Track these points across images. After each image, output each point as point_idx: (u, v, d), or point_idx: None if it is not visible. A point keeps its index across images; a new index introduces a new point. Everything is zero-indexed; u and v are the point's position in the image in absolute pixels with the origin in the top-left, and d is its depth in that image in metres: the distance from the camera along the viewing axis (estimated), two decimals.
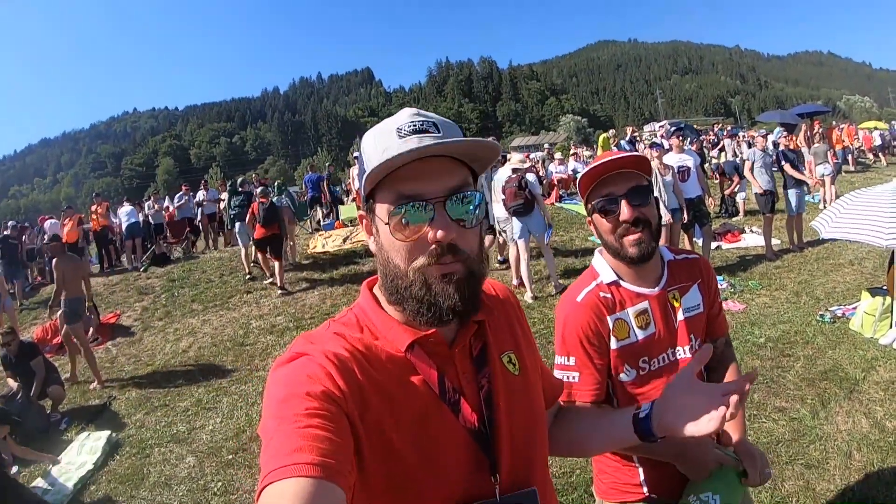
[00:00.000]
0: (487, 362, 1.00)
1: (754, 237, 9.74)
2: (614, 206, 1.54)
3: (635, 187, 1.54)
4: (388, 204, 0.88)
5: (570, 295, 1.67)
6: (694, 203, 7.79)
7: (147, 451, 5.33)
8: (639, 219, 1.53)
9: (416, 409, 0.89)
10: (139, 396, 6.62)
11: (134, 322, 9.39)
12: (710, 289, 1.72)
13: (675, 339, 1.63)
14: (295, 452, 0.71)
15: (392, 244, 0.90)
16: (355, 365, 0.86)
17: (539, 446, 1.05)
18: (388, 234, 0.89)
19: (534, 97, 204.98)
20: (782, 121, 18.31)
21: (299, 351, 0.88)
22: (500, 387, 0.99)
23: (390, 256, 0.91)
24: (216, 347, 7.78)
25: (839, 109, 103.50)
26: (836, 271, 7.55)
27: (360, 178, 0.94)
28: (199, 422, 5.74)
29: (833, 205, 6.02)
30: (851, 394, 4.44)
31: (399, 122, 0.90)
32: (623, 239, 1.56)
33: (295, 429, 0.74)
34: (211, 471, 4.81)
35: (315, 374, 0.82)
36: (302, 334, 0.95)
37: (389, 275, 0.92)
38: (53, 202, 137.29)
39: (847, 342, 5.36)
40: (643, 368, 1.60)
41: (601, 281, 1.64)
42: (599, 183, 1.57)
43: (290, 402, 0.78)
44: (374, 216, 0.92)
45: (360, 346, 0.91)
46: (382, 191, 0.90)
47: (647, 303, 1.62)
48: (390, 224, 0.88)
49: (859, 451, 3.70)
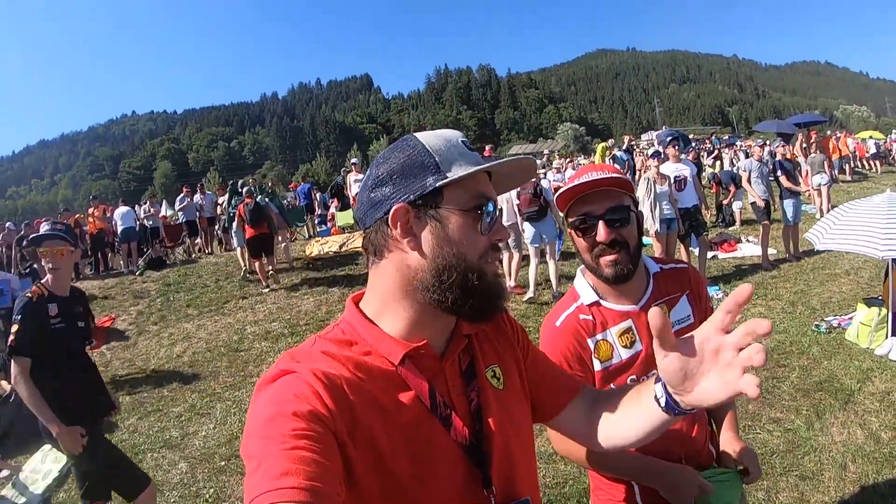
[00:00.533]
0: (476, 376, 1.01)
1: (751, 247, 9.76)
2: (592, 225, 1.53)
3: (614, 207, 1.52)
4: (466, 200, 0.93)
5: (551, 319, 1.66)
6: (690, 212, 7.79)
7: (140, 456, 5.28)
8: (616, 240, 1.52)
9: (407, 423, 0.89)
10: (133, 401, 6.58)
11: (129, 326, 9.36)
12: (701, 298, 1.70)
13: None
14: (282, 476, 0.69)
15: (469, 238, 0.92)
16: (344, 382, 0.85)
17: (528, 457, 1.06)
18: (468, 227, 0.93)
19: (532, 105, 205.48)
20: (779, 130, 18.42)
21: (285, 368, 0.86)
22: (489, 401, 1.00)
23: (464, 251, 0.92)
24: (211, 353, 7.75)
25: (836, 119, 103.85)
26: (833, 281, 7.56)
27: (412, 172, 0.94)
28: (193, 427, 5.70)
29: (827, 216, 6.03)
30: (847, 405, 4.43)
31: (460, 137, 0.99)
32: (599, 259, 1.54)
33: (281, 450, 0.72)
34: (203, 477, 4.78)
35: (302, 392, 0.81)
36: (286, 351, 0.94)
37: (456, 270, 0.91)
38: (51, 204, 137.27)
39: (843, 353, 5.35)
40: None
41: (581, 303, 1.63)
42: (579, 200, 1.55)
43: (276, 422, 0.76)
44: (439, 210, 0.92)
45: (349, 362, 0.90)
46: (457, 189, 0.93)
47: (631, 320, 1.59)
48: (474, 219, 0.93)
49: (854, 462, 3.69)
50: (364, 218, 0.98)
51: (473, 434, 0.94)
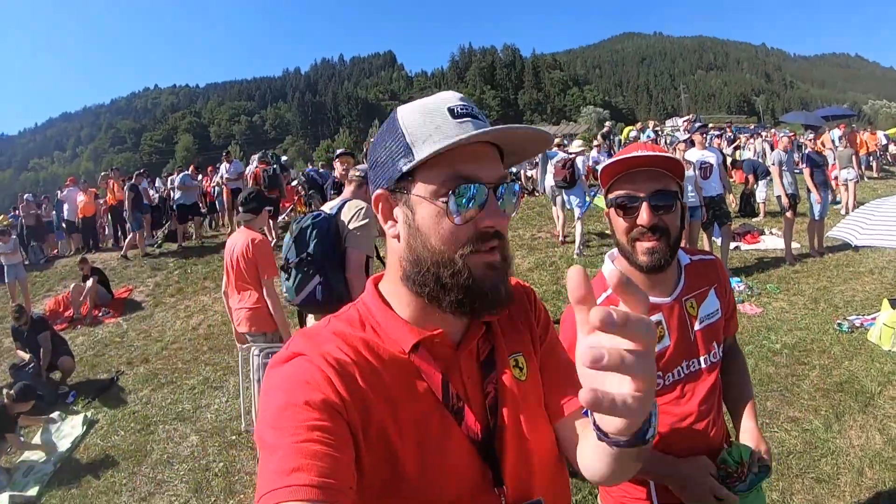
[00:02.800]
0: (495, 367, 0.95)
1: (774, 239, 9.57)
2: (634, 206, 1.43)
3: (661, 191, 1.43)
4: (437, 185, 0.82)
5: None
6: (714, 201, 7.64)
7: (151, 427, 5.35)
8: (657, 226, 1.42)
9: (418, 415, 0.84)
10: (147, 372, 6.65)
11: (146, 298, 9.46)
12: (727, 291, 1.64)
13: (692, 349, 1.54)
14: (294, 472, 0.67)
15: (436, 227, 0.83)
16: (356, 369, 0.81)
17: (547, 455, 0.97)
18: (434, 215, 0.83)
19: (556, 87, 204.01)
20: (806, 122, 18.02)
21: (297, 351, 0.83)
22: (507, 394, 0.94)
23: (431, 241, 0.84)
24: (226, 326, 7.76)
25: (864, 114, 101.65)
26: (856, 279, 7.39)
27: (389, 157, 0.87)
28: (205, 401, 5.75)
29: (856, 213, 5.87)
30: (866, 408, 4.32)
31: (448, 103, 0.86)
32: (636, 243, 1.45)
33: (293, 443, 0.70)
34: (214, 450, 4.83)
35: (314, 379, 0.77)
36: (299, 330, 0.91)
37: (426, 262, 0.84)
38: (72, 176, 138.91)
39: (864, 354, 5.23)
40: (657, 384, 1.50)
41: (612, 293, 1.55)
42: (623, 177, 1.45)
43: (288, 412, 0.74)
44: (410, 196, 0.85)
45: (362, 346, 0.85)
46: (429, 170, 0.83)
47: (661, 314, 1.52)
48: (444, 205, 0.82)
49: (871, 468, 3.60)
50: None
51: (487, 429, 0.89)
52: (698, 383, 1.54)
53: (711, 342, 1.56)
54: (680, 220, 1.49)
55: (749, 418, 1.60)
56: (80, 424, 5.54)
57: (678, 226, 1.47)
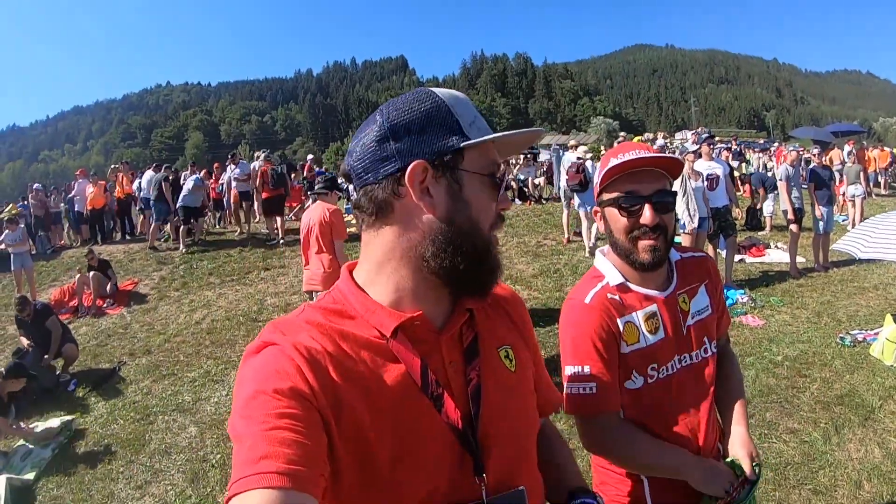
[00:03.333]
0: (478, 354, 0.94)
1: (779, 253, 9.55)
2: (637, 206, 1.44)
3: (661, 191, 1.45)
4: (481, 166, 0.90)
5: (577, 297, 1.56)
6: (720, 213, 7.64)
7: (151, 417, 5.37)
8: (658, 224, 1.44)
9: (394, 401, 0.83)
10: (149, 363, 6.68)
11: (150, 291, 9.50)
12: (717, 289, 1.64)
13: (685, 344, 1.54)
14: (262, 460, 0.67)
15: (483, 204, 0.90)
16: (327, 357, 0.81)
17: (530, 445, 1.00)
18: (483, 193, 0.90)
19: (567, 96, 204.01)
20: (816, 138, 17.99)
21: (267, 340, 0.83)
22: (492, 381, 0.93)
23: (477, 217, 0.89)
24: (229, 321, 7.82)
25: (874, 132, 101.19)
26: (860, 294, 7.36)
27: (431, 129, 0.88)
28: (206, 393, 5.77)
29: (860, 227, 5.85)
30: (866, 421, 4.30)
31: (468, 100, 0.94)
32: (637, 242, 1.46)
33: (262, 431, 0.70)
34: (212, 442, 4.84)
35: (283, 368, 0.77)
36: (272, 321, 0.89)
37: (465, 233, 0.87)
38: (83, 168, 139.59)
39: (866, 368, 5.20)
40: (651, 376, 1.51)
41: (607, 282, 1.54)
42: (626, 176, 1.46)
43: (257, 401, 0.74)
44: (459, 172, 0.88)
45: (335, 334, 0.85)
46: (475, 153, 0.89)
47: (656, 306, 1.53)
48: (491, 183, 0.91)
49: (869, 481, 3.58)
50: (365, 171, 0.89)
51: (467, 416, 0.88)
52: (691, 378, 1.54)
53: (703, 337, 1.56)
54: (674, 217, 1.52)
55: (739, 423, 1.57)
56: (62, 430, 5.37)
57: (674, 223, 1.50)
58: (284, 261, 10.43)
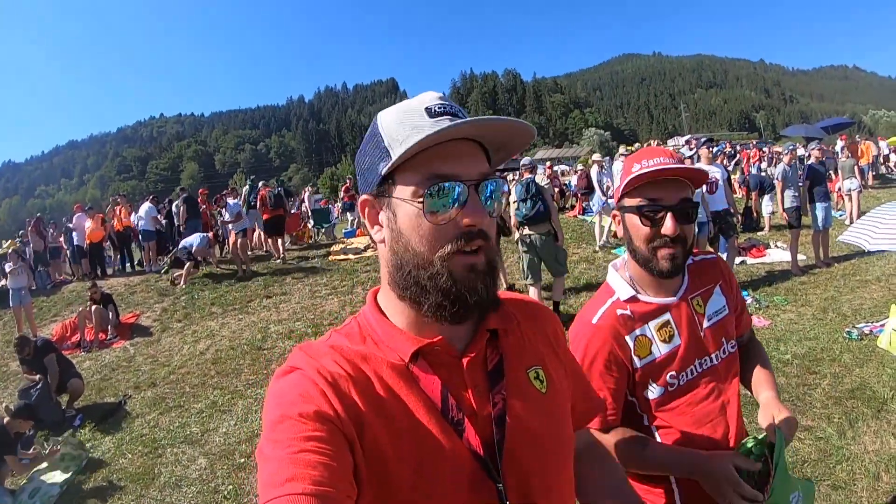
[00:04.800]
0: (503, 377, 0.91)
1: (780, 252, 9.55)
2: (660, 215, 1.44)
3: (685, 200, 1.44)
4: (414, 185, 0.81)
5: (586, 316, 1.56)
6: (720, 215, 7.67)
7: (159, 451, 5.32)
8: (679, 235, 1.44)
9: (414, 425, 0.82)
10: (154, 396, 6.63)
11: (153, 323, 9.47)
12: (732, 287, 1.63)
13: (703, 348, 1.52)
14: (288, 482, 0.67)
15: (416, 229, 0.82)
16: (350, 382, 0.81)
17: (562, 472, 0.95)
18: (413, 217, 0.82)
19: (557, 110, 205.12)
20: (807, 135, 18.11)
21: (294, 365, 0.83)
22: (519, 405, 0.90)
23: (411, 243, 0.82)
24: (234, 351, 7.79)
25: (864, 125, 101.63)
26: (864, 288, 7.36)
27: (372, 162, 0.86)
28: (213, 424, 5.72)
29: (865, 218, 5.86)
30: (879, 413, 4.28)
31: (426, 103, 0.84)
32: (658, 251, 1.45)
33: (289, 454, 0.70)
34: (222, 473, 4.79)
35: (307, 392, 0.78)
36: (300, 345, 0.90)
37: (408, 265, 0.83)
38: (79, 203, 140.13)
39: (875, 360, 5.18)
40: (671, 384, 1.49)
41: (618, 297, 1.54)
42: (650, 183, 1.45)
43: (283, 425, 0.74)
44: (391, 199, 0.84)
45: (358, 358, 0.85)
46: (407, 171, 0.82)
47: (669, 314, 1.52)
48: (421, 205, 0.81)
49: (888, 472, 3.55)
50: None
51: (490, 442, 0.85)
52: (713, 380, 1.52)
53: (721, 338, 1.55)
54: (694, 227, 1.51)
55: (763, 390, 1.54)
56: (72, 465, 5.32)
57: (694, 233, 1.50)
58: (286, 288, 10.42)
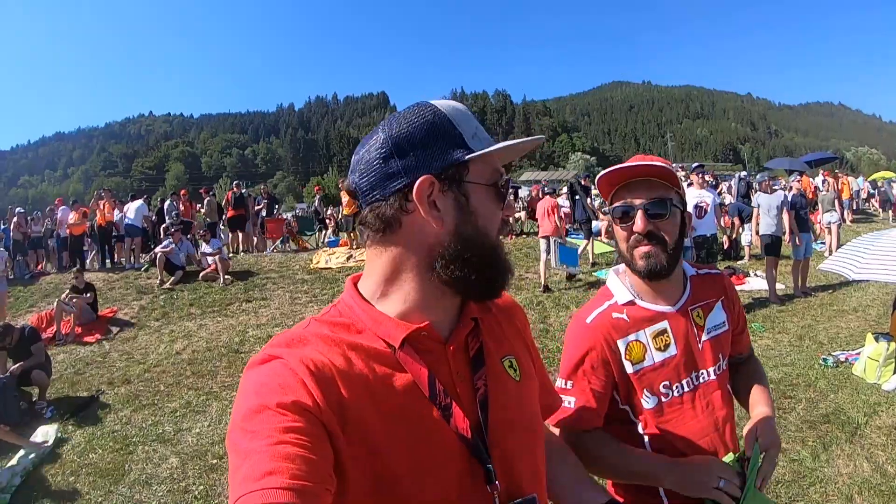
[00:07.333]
0: (484, 363, 0.95)
1: (758, 281, 9.67)
2: (631, 214, 1.47)
3: (656, 199, 1.46)
4: (489, 175, 0.92)
5: (581, 315, 1.58)
6: (708, 240, 7.77)
7: (130, 447, 5.24)
8: (652, 232, 1.45)
9: (403, 412, 0.83)
10: (128, 393, 6.54)
11: (130, 320, 9.37)
12: (735, 304, 1.63)
13: (698, 360, 1.53)
14: (266, 476, 0.66)
15: (490, 213, 0.92)
16: (335, 370, 0.80)
17: (538, 455, 1.00)
18: (488, 201, 0.91)
19: (545, 133, 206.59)
20: (791, 168, 18.42)
21: (273, 354, 0.82)
22: (498, 390, 0.94)
23: (485, 225, 0.91)
24: (210, 352, 7.71)
25: (847, 161, 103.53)
26: (840, 317, 7.48)
27: (434, 143, 0.88)
28: (187, 424, 5.65)
29: (849, 247, 5.95)
30: (853, 437, 4.35)
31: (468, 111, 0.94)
32: (634, 250, 1.48)
33: (266, 446, 0.69)
34: (194, 473, 4.73)
35: (287, 382, 0.76)
36: (280, 333, 0.89)
37: (474, 241, 0.89)
38: (62, 196, 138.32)
39: (850, 386, 5.27)
40: (665, 395, 1.49)
41: (615, 301, 1.55)
42: (623, 187, 1.50)
43: (261, 415, 0.73)
44: (464, 183, 0.89)
45: (343, 346, 0.85)
46: (479, 162, 0.90)
47: (667, 322, 1.52)
48: (495, 192, 0.93)
49: (860, 494, 3.60)
50: (372, 188, 0.89)
51: (476, 425, 0.88)
52: (707, 395, 1.52)
53: (718, 354, 1.55)
54: (680, 228, 1.50)
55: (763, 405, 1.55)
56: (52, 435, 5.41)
57: (676, 233, 1.49)
58: (266, 293, 10.38)
